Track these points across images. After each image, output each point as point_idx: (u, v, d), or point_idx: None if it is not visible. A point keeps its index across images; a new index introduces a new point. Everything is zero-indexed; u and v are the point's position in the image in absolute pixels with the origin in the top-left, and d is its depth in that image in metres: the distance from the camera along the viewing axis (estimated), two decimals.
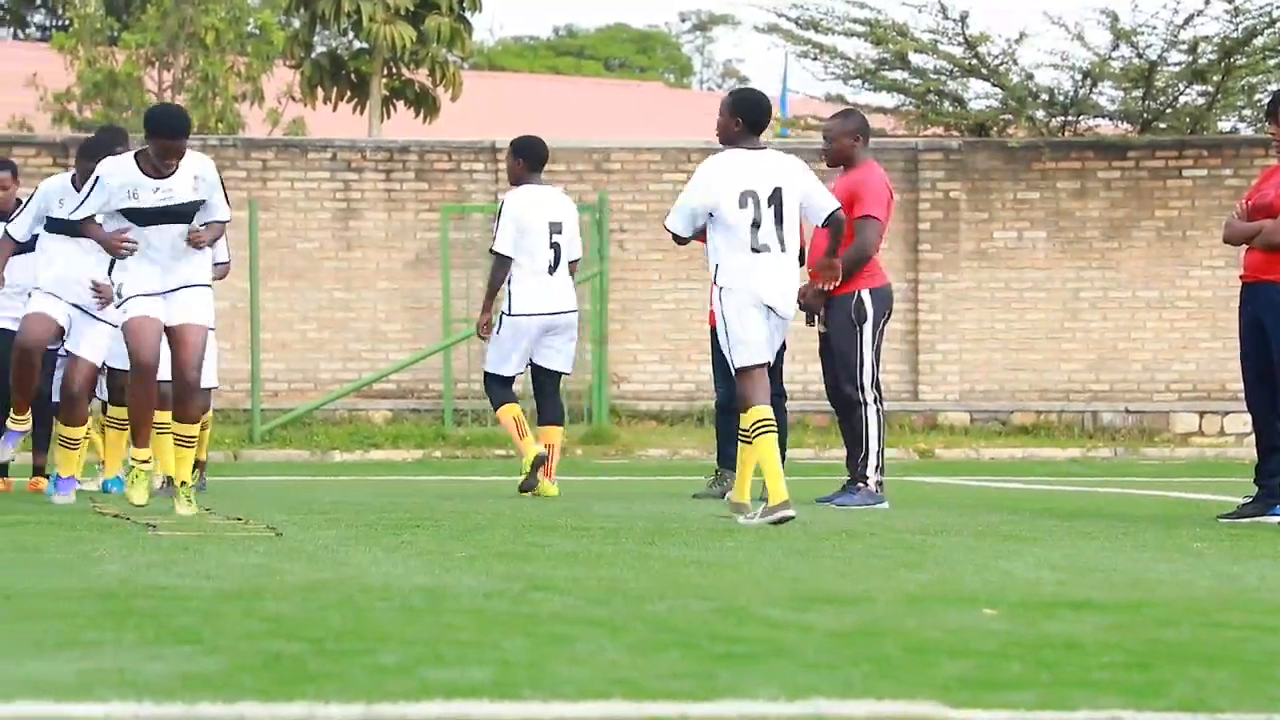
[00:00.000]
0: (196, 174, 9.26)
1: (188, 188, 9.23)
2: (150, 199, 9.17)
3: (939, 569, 6.85)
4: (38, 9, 53.95)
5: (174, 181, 9.19)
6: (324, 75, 26.23)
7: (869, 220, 10.78)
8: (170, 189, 9.18)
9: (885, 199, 10.88)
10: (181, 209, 9.22)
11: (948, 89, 23.44)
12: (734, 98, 9.72)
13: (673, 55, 64.90)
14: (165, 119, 9.22)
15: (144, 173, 9.18)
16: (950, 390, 21.57)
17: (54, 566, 6.54)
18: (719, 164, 9.38)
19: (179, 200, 9.20)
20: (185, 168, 9.23)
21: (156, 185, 9.16)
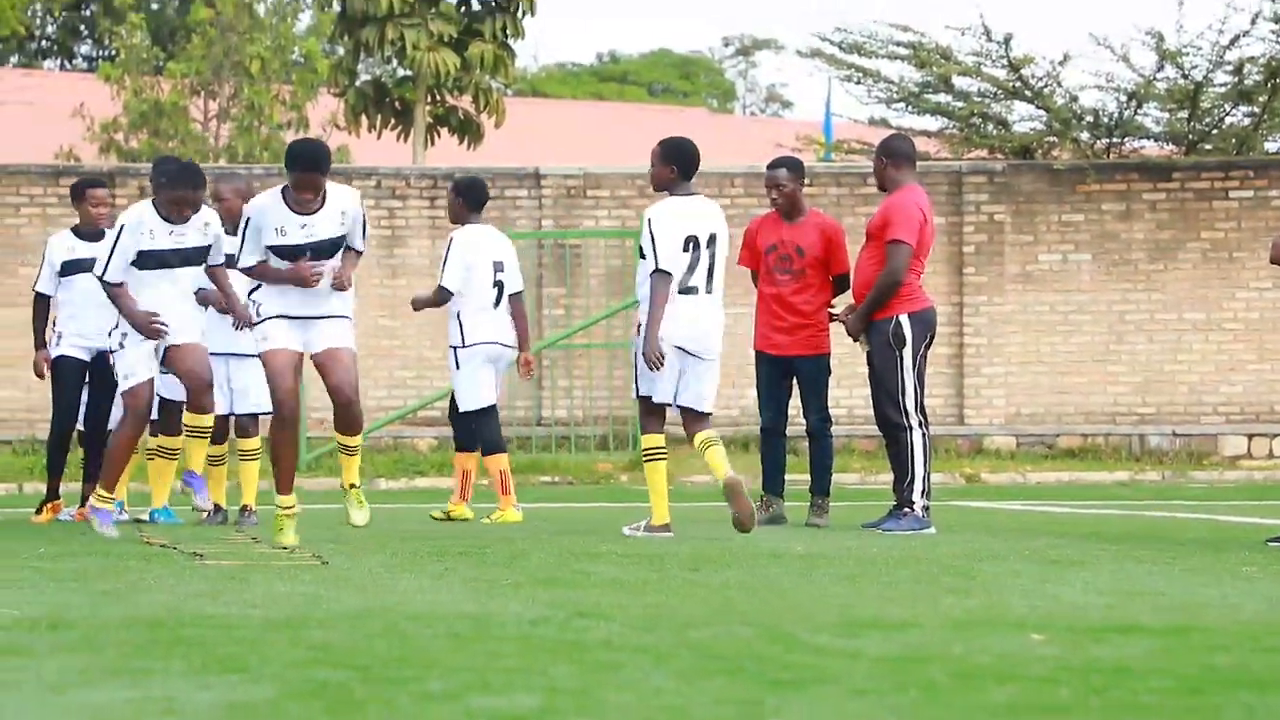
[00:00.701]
0: (343, 209, 9.37)
1: (334, 223, 9.34)
2: (297, 235, 9.26)
3: (986, 594, 6.83)
4: (84, 40, 54.33)
5: (319, 218, 9.29)
6: (368, 103, 26.31)
7: (897, 244, 10.77)
8: (315, 225, 9.27)
9: (916, 222, 10.83)
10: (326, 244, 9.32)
11: (992, 112, 23.39)
12: (665, 147, 10.40)
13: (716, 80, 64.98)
14: (300, 152, 9.32)
15: (290, 209, 9.28)
16: (996, 414, 21.49)
17: (103, 596, 6.56)
18: (668, 210, 10.25)
19: (322, 237, 9.30)
20: (331, 203, 9.34)
21: (304, 222, 9.25)
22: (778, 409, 11.57)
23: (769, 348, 11.49)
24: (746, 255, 11.67)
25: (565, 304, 21.24)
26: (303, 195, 9.24)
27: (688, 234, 10.17)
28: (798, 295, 11.35)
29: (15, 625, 5.49)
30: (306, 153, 9.32)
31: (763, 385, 11.61)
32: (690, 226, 10.20)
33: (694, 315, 10.17)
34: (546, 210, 21.44)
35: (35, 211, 20.52)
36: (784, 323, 11.38)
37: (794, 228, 11.43)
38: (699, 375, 10.32)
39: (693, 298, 10.16)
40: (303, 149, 9.39)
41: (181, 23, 42.44)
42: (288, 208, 9.30)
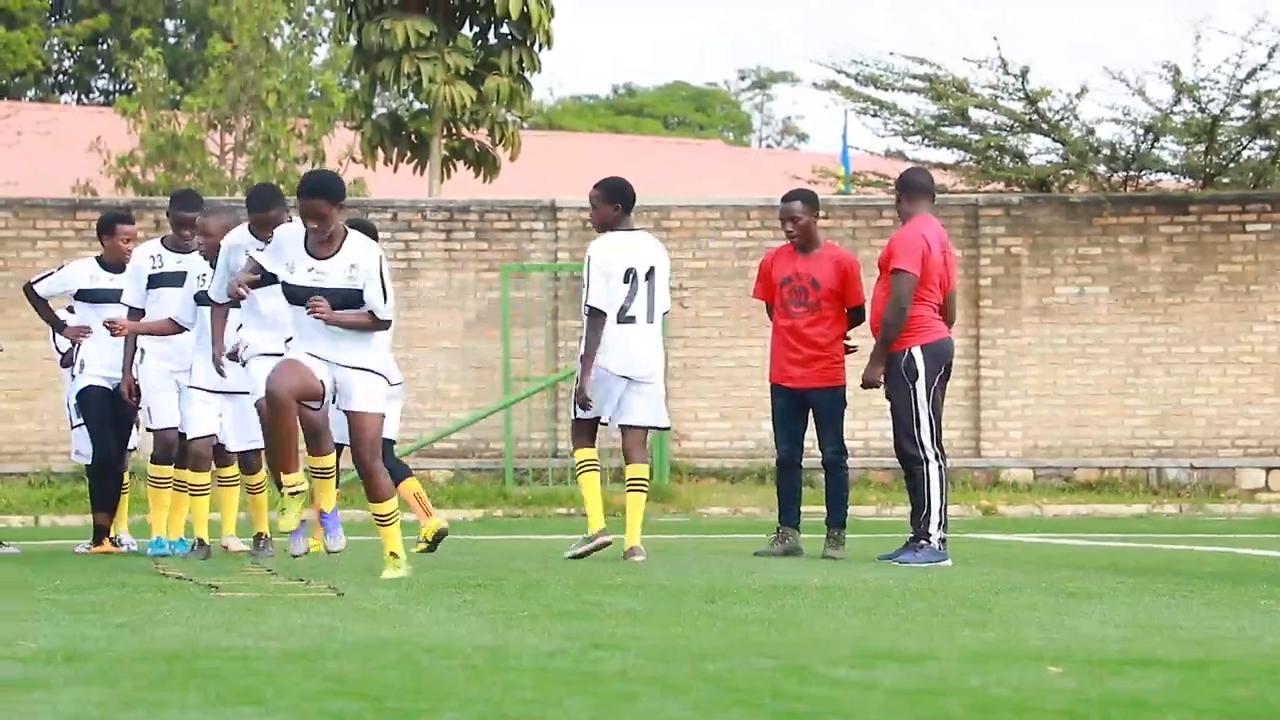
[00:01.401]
0: (354, 262, 9.07)
1: (343, 274, 9.07)
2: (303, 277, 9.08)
3: (1003, 627, 6.81)
4: (101, 74, 54.52)
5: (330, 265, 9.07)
6: (384, 136, 26.37)
7: (900, 274, 10.78)
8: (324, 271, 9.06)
9: (919, 251, 10.81)
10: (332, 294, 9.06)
11: (1008, 144, 23.40)
12: (606, 188, 11.11)
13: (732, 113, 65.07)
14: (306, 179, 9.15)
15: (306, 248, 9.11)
16: (1013, 446, 21.46)
17: (119, 628, 6.56)
18: (609, 246, 10.90)
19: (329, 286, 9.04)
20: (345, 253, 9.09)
21: (313, 265, 9.07)
22: (793, 441, 11.56)
23: (784, 380, 11.48)
24: (761, 288, 11.66)
25: (581, 335, 21.26)
26: (309, 224, 9.04)
27: (628, 266, 10.83)
28: (813, 328, 11.34)
29: (32, 658, 5.49)
30: (311, 180, 9.12)
31: (778, 417, 11.59)
32: (630, 259, 10.84)
33: (633, 344, 10.87)
34: (562, 242, 21.46)
35: (52, 245, 20.57)
36: (799, 355, 11.37)
37: (809, 260, 11.43)
38: (642, 396, 10.98)
39: (632, 327, 10.88)
40: (310, 177, 9.21)
41: (198, 57, 42.62)
42: (304, 247, 9.13)
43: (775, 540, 11.63)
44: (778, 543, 11.57)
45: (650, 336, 10.94)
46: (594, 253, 10.89)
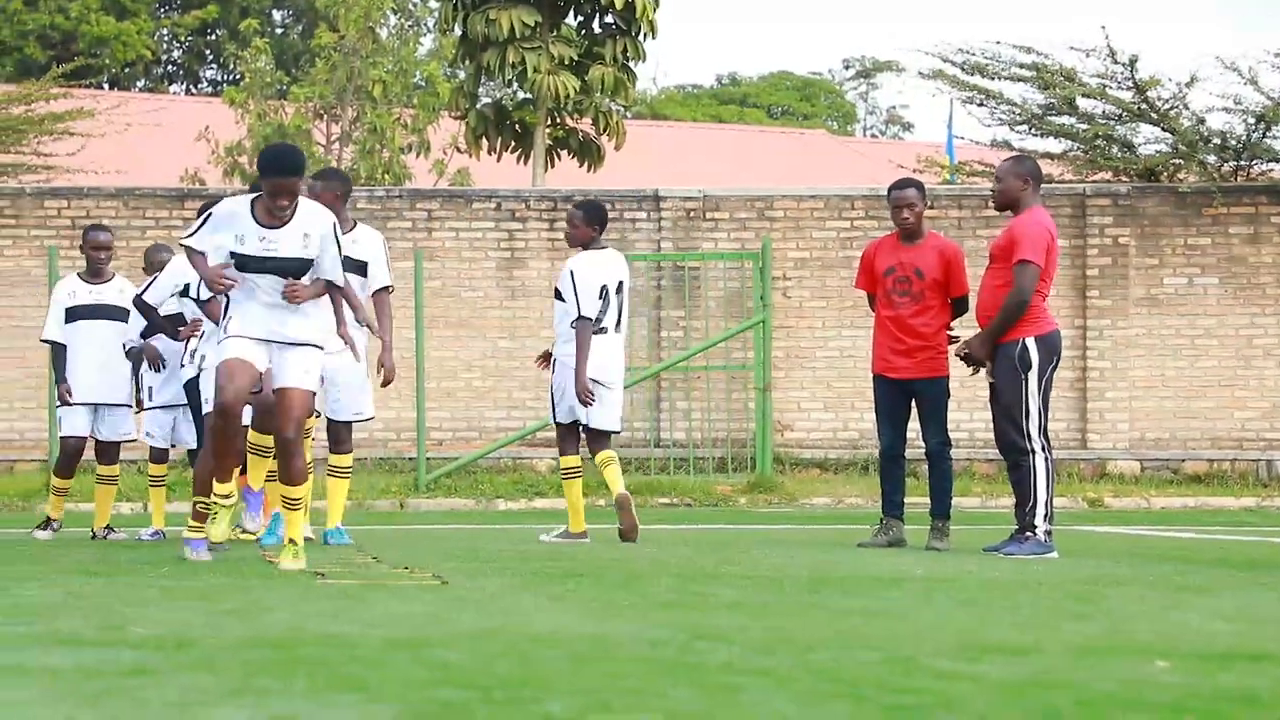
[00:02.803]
0: (307, 231, 9.00)
1: (296, 243, 8.99)
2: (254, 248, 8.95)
3: (1110, 620, 6.74)
4: (210, 64, 55.00)
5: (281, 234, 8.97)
6: (489, 126, 26.45)
7: (1025, 265, 10.68)
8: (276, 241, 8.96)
9: (1044, 243, 10.76)
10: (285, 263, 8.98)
11: (1116, 134, 23.19)
12: (587, 210, 11.97)
13: (836, 103, 64.85)
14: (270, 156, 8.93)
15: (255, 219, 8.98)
16: (1120, 438, 21.28)
17: (225, 615, 6.61)
18: (588, 263, 11.82)
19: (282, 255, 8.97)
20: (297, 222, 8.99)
21: (263, 234, 8.94)
22: (897, 432, 11.51)
23: (888, 371, 11.43)
24: (864, 279, 11.61)
25: (684, 326, 21.24)
26: (278, 202, 8.87)
27: (602, 283, 11.84)
28: (917, 318, 11.28)
29: (142, 644, 5.54)
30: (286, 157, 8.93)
31: (882, 408, 11.54)
32: (604, 276, 11.85)
33: (603, 351, 11.88)
34: (665, 232, 21.46)
35: (161, 234, 20.77)
36: (903, 345, 11.32)
37: (913, 250, 11.38)
38: (606, 401, 11.97)
39: (603, 337, 11.89)
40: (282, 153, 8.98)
41: (305, 47, 42.90)
42: (253, 217, 8.98)
43: (878, 531, 11.59)
44: (881, 534, 11.53)
45: (618, 344, 12.01)
46: (576, 268, 11.81)
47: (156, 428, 12.48)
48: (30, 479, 19.32)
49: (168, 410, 12.45)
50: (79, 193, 21.43)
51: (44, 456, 19.69)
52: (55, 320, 12.79)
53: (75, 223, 21.06)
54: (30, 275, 20.85)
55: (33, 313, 20.65)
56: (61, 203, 21.20)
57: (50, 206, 21.16)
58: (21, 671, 4.87)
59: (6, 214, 21.10)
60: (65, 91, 25.44)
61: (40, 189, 21.67)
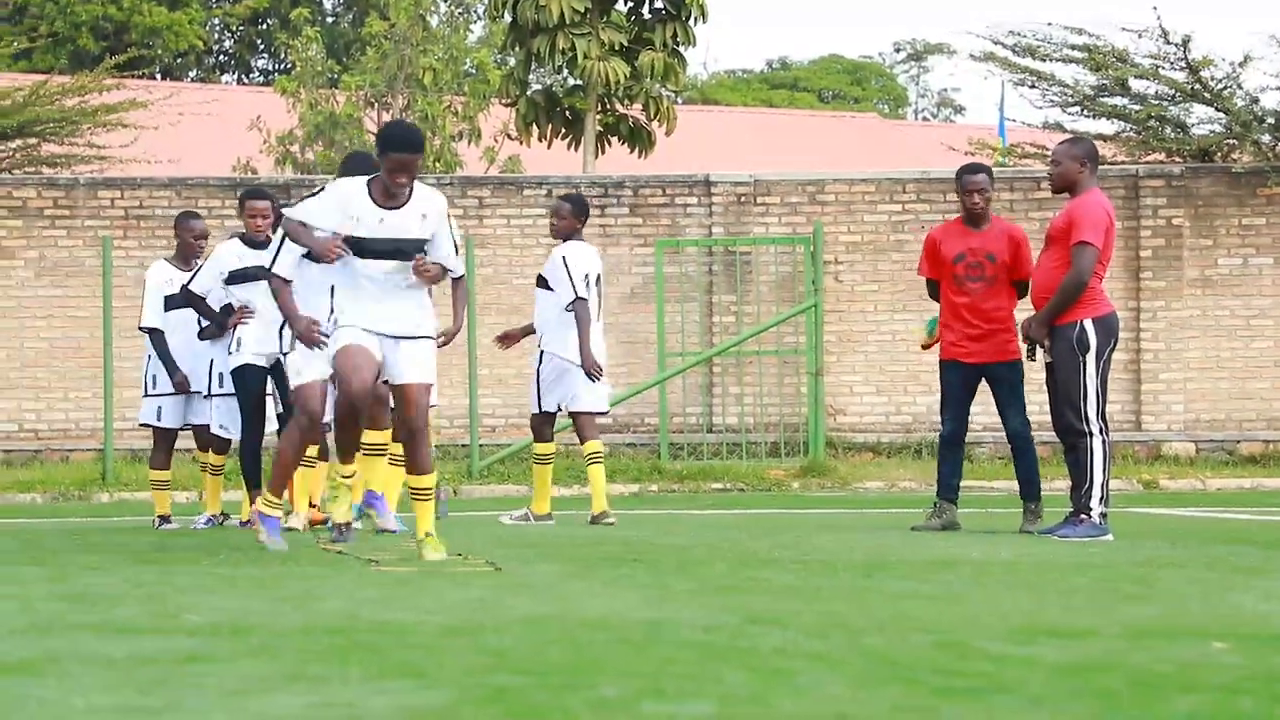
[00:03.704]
0: (424, 212, 8.84)
1: (414, 223, 8.81)
2: (373, 229, 8.77)
3: (1166, 602, 6.72)
4: (261, 54, 55.17)
5: (400, 214, 8.79)
6: (539, 112, 26.47)
7: (1084, 246, 10.64)
8: (393, 222, 8.78)
9: (1104, 226, 10.72)
10: (405, 244, 8.81)
11: (1169, 114, 23.04)
12: (575, 203, 12.51)
13: (887, 86, 64.66)
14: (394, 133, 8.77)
15: (372, 200, 8.80)
16: (1174, 420, 21.18)
17: (281, 602, 6.64)
18: (578, 252, 12.30)
19: (399, 236, 8.79)
20: (415, 203, 8.82)
21: (382, 216, 8.78)
22: (960, 418, 11.51)
23: (960, 355, 11.43)
24: (929, 265, 11.61)
25: (735, 311, 21.23)
26: (397, 179, 8.67)
27: (589, 272, 12.30)
28: (989, 302, 11.28)
29: (198, 631, 5.57)
30: (409, 134, 8.78)
31: (951, 394, 11.53)
32: (590, 266, 12.35)
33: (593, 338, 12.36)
34: (716, 217, 21.44)
35: (213, 223, 20.82)
36: (977, 330, 11.32)
37: (982, 235, 11.37)
38: (591, 385, 12.41)
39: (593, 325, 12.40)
40: (405, 130, 8.83)
41: (356, 36, 42.99)
42: (369, 197, 8.80)
43: (932, 515, 11.57)
44: (934, 517, 11.52)
45: (600, 332, 12.54)
46: (568, 254, 12.28)
47: (227, 417, 12.43)
48: (85, 468, 19.44)
49: (230, 399, 12.41)
50: (132, 183, 21.54)
51: (99, 446, 19.81)
52: (154, 308, 12.68)
53: (129, 213, 21.17)
54: (84, 265, 20.97)
55: (86, 303, 20.78)
56: (115, 193, 21.31)
57: (104, 197, 21.26)
58: (80, 659, 4.91)
59: (61, 205, 21.22)
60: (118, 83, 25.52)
61: (94, 179, 21.78)
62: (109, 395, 19.24)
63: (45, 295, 21.06)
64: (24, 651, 5.08)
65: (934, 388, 21.33)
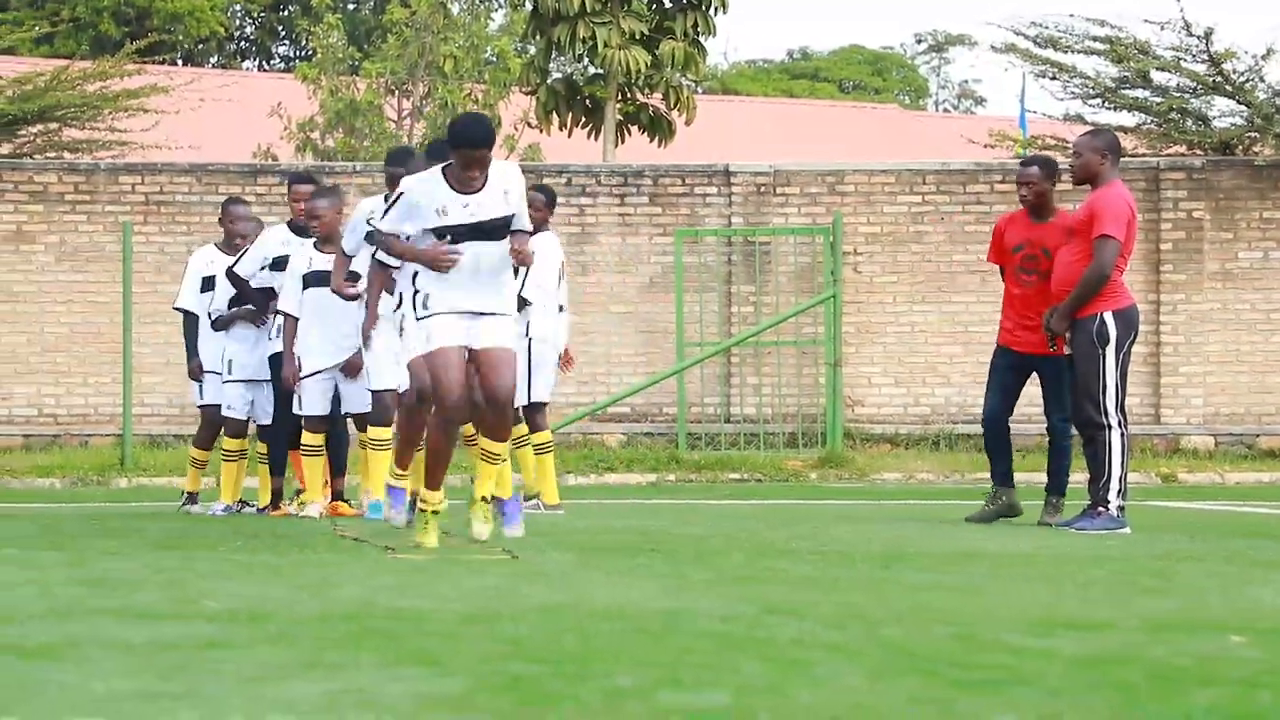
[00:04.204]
0: (506, 188, 8.79)
1: (498, 202, 8.76)
2: (460, 215, 8.70)
3: (1184, 595, 6.71)
4: (282, 40, 55.20)
5: (483, 196, 8.73)
6: (559, 101, 26.45)
7: (1106, 240, 10.63)
8: (478, 204, 8.72)
9: (1125, 218, 10.71)
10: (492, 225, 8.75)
11: (1191, 107, 22.99)
12: (548, 194, 12.62)
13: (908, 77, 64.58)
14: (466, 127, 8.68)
15: (451, 187, 8.71)
16: (1194, 413, 21.14)
17: (298, 589, 6.65)
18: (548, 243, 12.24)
19: (487, 216, 8.73)
20: (495, 181, 8.77)
21: (466, 201, 8.69)
22: (1004, 402, 11.50)
23: (1014, 344, 11.44)
24: (994, 253, 11.65)
25: (754, 301, 21.22)
26: (469, 173, 8.63)
27: (559, 261, 12.48)
28: (1043, 295, 11.27)
29: (216, 617, 5.58)
30: (477, 129, 8.67)
31: (996, 377, 11.53)
32: (559, 256, 12.52)
33: (561, 329, 12.63)
34: (736, 207, 21.42)
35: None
36: (1031, 321, 11.32)
37: (1041, 228, 11.37)
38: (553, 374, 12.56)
39: (561, 314, 12.64)
40: (474, 124, 8.71)
41: (377, 23, 42.99)
42: (449, 186, 8.73)
43: (990, 501, 11.60)
44: (991, 503, 11.55)
45: (565, 321, 12.82)
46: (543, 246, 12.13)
47: (238, 401, 12.44)
48: (104, 453, 19.47)
49: (249, 385, 12.43)
50: (153, 168, 21.56)
51: (118, 431, 19.84)
52: (190, 290, 12.69)
53: (149, 198, 21.19)
54: (105, 251, 21.00)
55: (106, 288, 20.80)
56: (136, 178, 21.33)
57: (125, 182, 21.29)
58: (99, 644, 4.92)
59: (82, 190, 21.25)
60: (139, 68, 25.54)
61: (115, 165, 21.80)
62: (128, 381, 19.26)
63: (66, 280, 21.09)
64: (44, 636, 5.09)
65: (952, 380, 21.38)
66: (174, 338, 20.82)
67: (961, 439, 20.63)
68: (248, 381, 12.39)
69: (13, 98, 24.03)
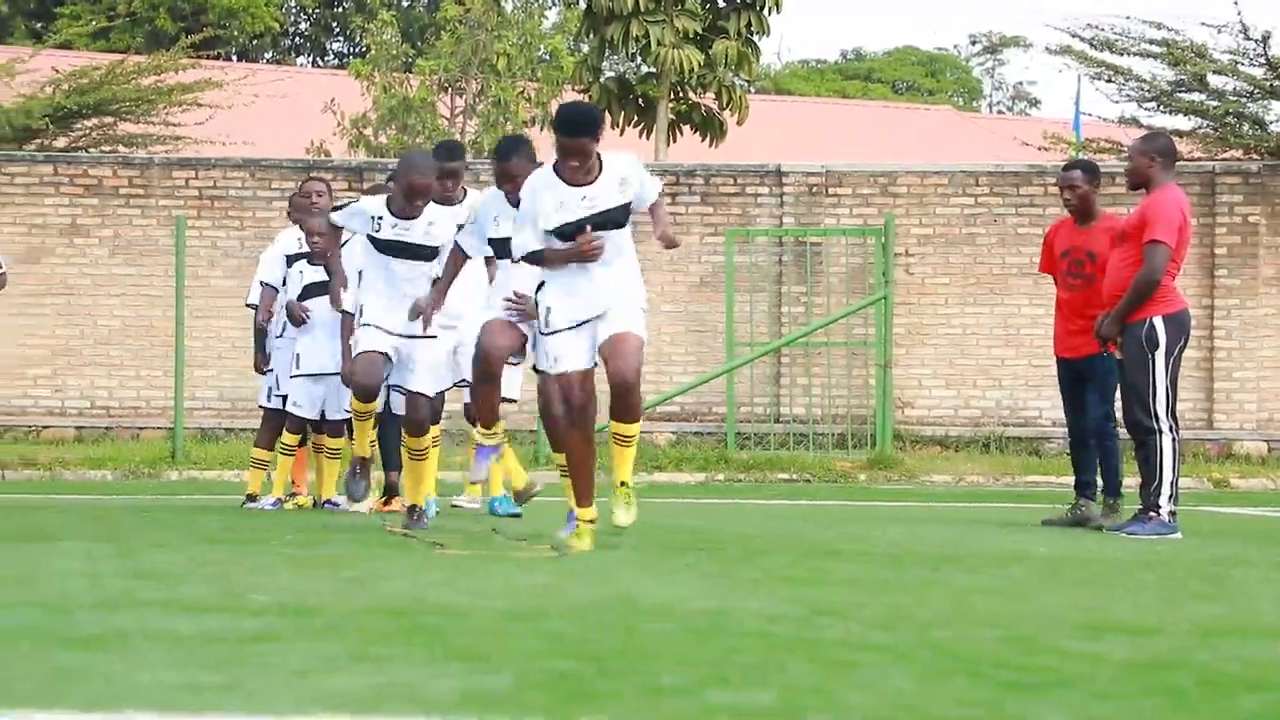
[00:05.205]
0: (623, 177, 8.63)
1: (614, 192, 8.62)
2: (578, 209, 8.54)
3: (1235, 600, 6.67)
4: (336, 37, 55.37)
5: (598, 188, 8.58)
6: (612, 99, 26.46)
7: (1156, 245, 10.59)
8: (595, 196, 8.56)
9: (1176, 223, 10.65)
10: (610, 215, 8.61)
11: (1247, 111, 22.87)
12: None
13: (962, 78, 64.39)
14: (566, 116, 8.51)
15: (565, 182, 8.54)
16: (1247, 419, 21.01)
17: (347, 583, 6.67)
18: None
19: (605, 207, 8.59)
20: (609, 171, 8.61)
21: (584, 194, 8.54)
22: (1080, 412, 11.55)
23: (1065, 351, 11.54)
24: (1045, 262, 11.73)
25: (805, 301, 21.18)
26: (569, 163, 8.47)
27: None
28: (1089, 301, 11.25)
29: (265, 610, 5.60)
30: (573, 116, 8.50)
31: (1063, 389, 11.73)
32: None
33: None
34: (788, 208, 21.39)
35: (286, 205, 20.92)
36: (1076, 326, 11.37)
37: (1085, 232, 11.40)
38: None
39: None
40: (569, 112, 8.54)
41: (431, 20, 43.08)
42: (563, 181, 8.56)
43: (1071, 509, 11.67)
44: (1071, 511, 11.64)
45: None
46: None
47: (304, 397, 12.38)
48: (155, 446, 19.56)
49: (316, 380, 12.33)
50: (206, 163, 21.65)
51: (169, 424, 19.93)
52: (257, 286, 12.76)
53: (202, 193, 21.28)
54: (158, 245, 21.09)
55: (159, 282, 20.89)
56: (189, 173, 21.43)
57: (178, 177, 21.38)
58: (146, 635, 4.93)
59: (135, 184, 21.34)
60: (194, 63, 25.70)
61: (169, 159, 21.90)
62: (180, 374, 19.34)
63: (119, 274, 21.19)
64: (92, 627, 5.11)
65: (1003, 382, 21.31)
66: (225, 332, 20.93)
67: (1012, 442, 20.57)
68: (315, 376, 12.28)
69: (69, 91, 24.18)
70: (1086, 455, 11.63)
